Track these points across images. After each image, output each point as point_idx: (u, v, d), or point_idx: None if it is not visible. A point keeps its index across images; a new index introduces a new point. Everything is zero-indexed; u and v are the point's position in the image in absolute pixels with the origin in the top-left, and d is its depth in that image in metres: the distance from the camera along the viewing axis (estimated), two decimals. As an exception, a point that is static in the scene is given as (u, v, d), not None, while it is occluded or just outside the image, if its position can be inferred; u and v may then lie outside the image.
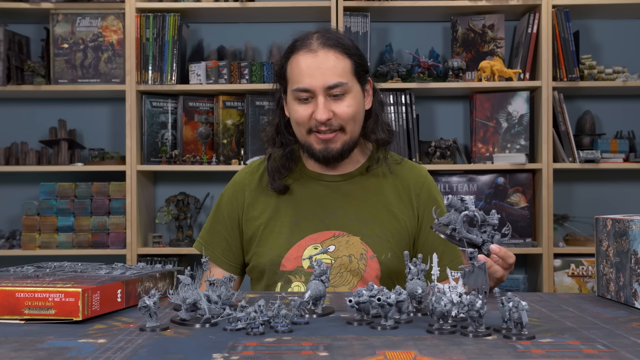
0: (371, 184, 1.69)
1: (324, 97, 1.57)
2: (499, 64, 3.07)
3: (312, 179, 1.70)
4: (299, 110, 1.60)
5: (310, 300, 1.15)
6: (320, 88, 1.57)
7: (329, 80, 1.56)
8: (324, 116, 1.56)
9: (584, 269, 3.08)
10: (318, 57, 1.58)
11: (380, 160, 1.68)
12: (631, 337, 0.99)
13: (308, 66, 1.57)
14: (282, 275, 1.63)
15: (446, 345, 0.94)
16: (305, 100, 1.59)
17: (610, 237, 1.30)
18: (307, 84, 1.57)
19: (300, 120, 1.60)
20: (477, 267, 1.11)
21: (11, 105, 3.37)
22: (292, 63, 1.61)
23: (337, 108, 1.58)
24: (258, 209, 1.70)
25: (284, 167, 1.68)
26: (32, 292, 1.09)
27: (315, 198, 1.68)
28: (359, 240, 1.63)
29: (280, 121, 1.70)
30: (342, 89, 1.58)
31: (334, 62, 1.58)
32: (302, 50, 1.59)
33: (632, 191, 3.34)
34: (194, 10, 3.15)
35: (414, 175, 1.72)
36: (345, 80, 1.58)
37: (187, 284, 1.10)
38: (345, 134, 1.61)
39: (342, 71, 1.58)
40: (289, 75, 1.62)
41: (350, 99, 1.59)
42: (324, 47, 1.58)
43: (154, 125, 3.17)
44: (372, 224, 1.65)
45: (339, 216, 1.65)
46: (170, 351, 0.92)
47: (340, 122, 1.59)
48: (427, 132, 3.31)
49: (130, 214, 3.06)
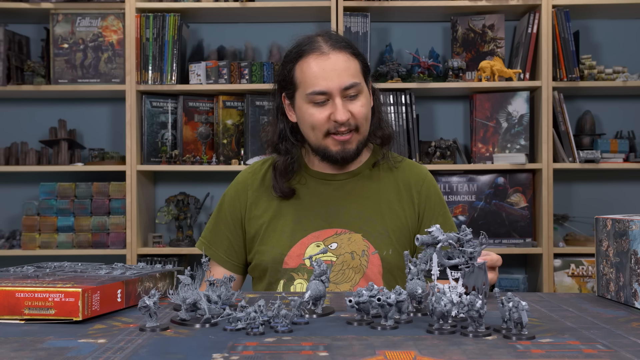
0: (373, 182, 1.71)
1: (340, 98, 1.59)
2: (499, 64, 3.07)
3: (315, 179, 1.72)
4: (315, 113, 1.61)
5: (310, 300, 1.15)
6: (337, 89, 1.59)
7: (345, 82, 1.59)
8: (344, 117, 1.59)
9: (584, 269, 3.08)
10: (330, 59, 1.60)
11: (384, 156, 1.72)
12: (631, 337, 0.99)
13: (322, 69, 1.59)
14: (284, 273, 1.65)
15: (446, 345, 0.94)
16: (321, 103, 1.60)
17: (610, 237, 1.30)
18: (323, 86, 1.59)
19: (317, 124, 1.62)
20: (477, 267, 1.12)
21: (11, 105, 3.37)
22: (303, 67, 1.62)
23: (353, 108, 1.61)
24: (261, 208, 1.71)
25: (289, 172, 1.70)
26: (32, 292, 1.09)
27: (317, 197, 1.69)
28: (360, 237, 1.65)
29: (285, 127, 1.70)
30: (357, 89, 1.61)
31: (346, 63, 1.60)
32: (313, 54, 1.61)
33: (632, 191, 3.34)
34: (194, 10, 3.15)
35: (415, 173, 1.74)
36: (358, 80, 1.61)
37: (187, 284, 1.10)
38: (359, 133, 1.64)
39: (355, 71, 1.62)
40: (300, 79, 1.63)
41: (363, 99, 1.63)
42: (334, 49, 1.61)
43: (154, 125, 3.17)
44: (373, 221, 1.66)
45: (341, 214, 1.67)
46: (170, 351, 0.92)
47: (356, 122, 1.62)
48: (427, 132, 3.31)
49: (130, 214, 3.06)
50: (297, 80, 1.63)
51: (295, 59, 1.63)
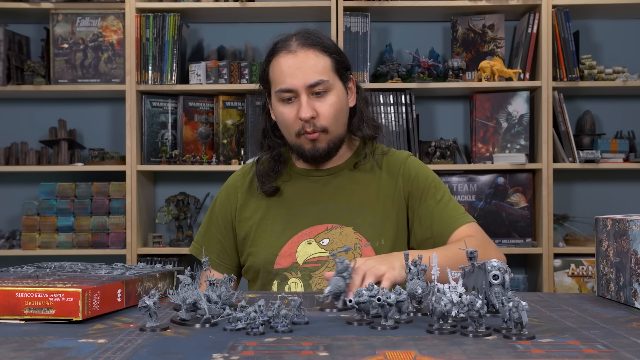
0: (360, 176, 1.71)
1: (306, 95, 1.59)
2: (499, 64, 3.07)
3: (301, 176, 1.72)
4: (285, 112, 1.61)
5: (330, 295, 1.19)
6: (302, 87, 1.58)
7: (310, 79, 1.58)
8: (308, 114, 1.57)
9: (584, 269, 3.08)
10: (298, 56, 1.60)
11: (367, 156, 1.70)
12: (631, 337, 0.99)
13: (289, 66, 1.59)
14: (277, 274, 1.64)
15: (446, 345, 0.94)
16: (289, 100, 1.60)
17: (610, 237, 1.30)
18: (289, 83, 1.59)
19: (287, 123, 1.62)
20: (477, 267, 1.11)
21: (11, 105, 3.37)
22: (274, 65, 1.63)
23: (319, 107, 1.59)
24: (250, 209, 1.71)
25: (272, 170, 1.70)
26: (32, 292, 1.09)
27: (305, 194, 1.69)
28: (351, 230, 1.65)
29: (267, 125, 1.72)
30: (324, 87, 1.59)
31: (314, 61, 1.60)
32: (282, 52, 1.61)
33: (632, 191, 3.34)
34: (194, 10, 3.15)
35: (398, 161, 1.73)
36: (326, 77, 1.60)
37: (187, 284, 1.10)
38: (328, 134, 1.62)
39: (323, 69, 1.60)
40: (272, 77, 1.64)
41: (332, 97, 1.61)
42: (303, 47, 1.61)
43: (154, 125, 3.17)
44: (363, 212, 1.66)
45: (331, 209, 1.67)
46: (170, 351, 0.92)
47: (322, 124, 1.60)
48: (427, 132, 3.31)
49: (130, 214, 3.06)
50: (270, 78, 1.65)
51: (269, 58, 1.65)
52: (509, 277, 1.06)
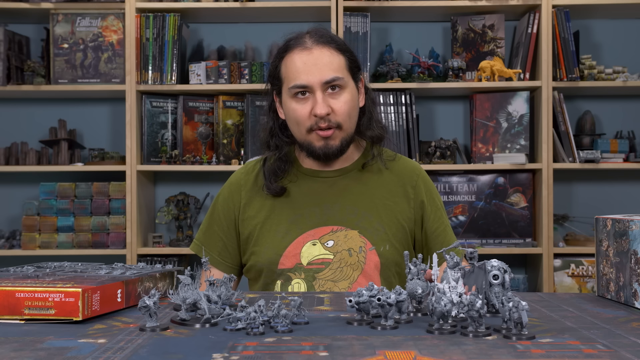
0: (367, 179, 1.71)
1: (322, 92, 1.59)
2: (499, 64, 3.07)
3: (308, 177, 1.71)
4: (298, 108, 1.61)
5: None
6: (317, 83, 1.58)
7: (326, 75, 1.59)
8: (324, 110, 1.58)
9: (584, 269, 3.08)
10: (313, 53, 1.60)
11: (375, 157, 1.70)
12: (631, 337, 0.99)
13: (304, 63, 1.60)
14: (281, 274, 1.64)
15: (446, 345, 0.94)
16: (303, 97, 1.60)
17: (610, 237, 1.30)
18: (304, 80, 1.59)
19: (300, 119, 1.61)
20: (477, 267, 1.11)
21: (11, 105, 3.37)
22: (287, 62, 1.63)
23: (334, 104, 1.60)
24: (254, 208, 1.70)
25: (279, 169, 1.69)
26: (32, 292, 1.09)
27: (311, 195, 1.69)
28: (357, 233, 1.64)
29: (275, 124, 1.71)
30: (339, 84, 1.60)
31: (329, 58, 1.60)
32: (297, 49, 1.62)
33: (632, 191, 3.34)
34: (194, 10, 3.15)
35: (408, 169, 1.74)
36: (341, 75, 1.61)
37: (187, 284, 1.10)
38: (342, 130, 1.63)
39: (338, 66, 1.61)
40: (284, 74, 1.64)
41: (346, 95, 1.61)
42: (318, 44, 1.61)
43: (154, 125, 3.17)
44: (369, 216, 1.66)
45: (336, 211, 1.66)
46: (170, 351, 0.92)
47: (338, 120, 1.61)
48: (427, 132, 3.31)
49: (130, 214, 3.06)
50: (282, 75, 1.65)
51: (282, 55, 1.65)
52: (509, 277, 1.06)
